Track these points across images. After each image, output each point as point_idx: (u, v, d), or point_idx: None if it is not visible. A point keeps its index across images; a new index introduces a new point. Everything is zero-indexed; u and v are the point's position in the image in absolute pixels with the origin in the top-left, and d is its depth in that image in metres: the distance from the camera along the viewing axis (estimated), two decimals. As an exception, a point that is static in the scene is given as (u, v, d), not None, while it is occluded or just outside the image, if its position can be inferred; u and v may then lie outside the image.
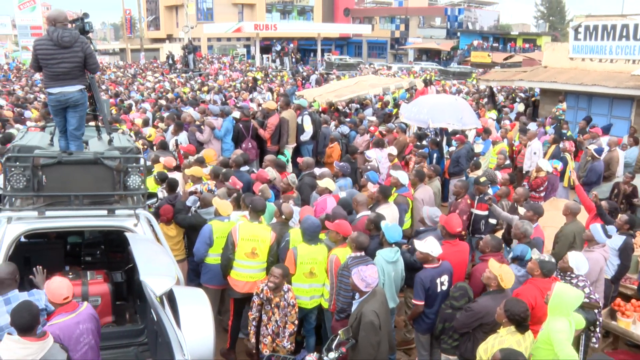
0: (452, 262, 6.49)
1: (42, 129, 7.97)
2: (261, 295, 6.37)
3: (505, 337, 4.91)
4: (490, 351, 4.86)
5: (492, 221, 8.82)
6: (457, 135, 12.45)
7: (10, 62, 50.59)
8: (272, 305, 6.28)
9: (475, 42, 60.85)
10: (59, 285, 4.84)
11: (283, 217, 7.41)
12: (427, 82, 22.98)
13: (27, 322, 4.26)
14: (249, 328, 6.58)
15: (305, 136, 12.55)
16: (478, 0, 76.27)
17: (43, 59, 5.95)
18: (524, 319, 4.90)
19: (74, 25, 6.18)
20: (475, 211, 8.90)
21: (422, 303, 6.22)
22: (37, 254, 7.15)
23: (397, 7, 74.68)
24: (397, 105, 19.21)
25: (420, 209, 8.46)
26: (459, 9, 69.07)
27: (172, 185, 8.38)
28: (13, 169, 5.73)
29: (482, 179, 8.91)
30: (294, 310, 6.22)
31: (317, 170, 9.44)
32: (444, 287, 6.32)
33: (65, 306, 4.82)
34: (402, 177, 8.90)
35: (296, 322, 6.29)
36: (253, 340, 6.56)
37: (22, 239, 6.03)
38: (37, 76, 34.27)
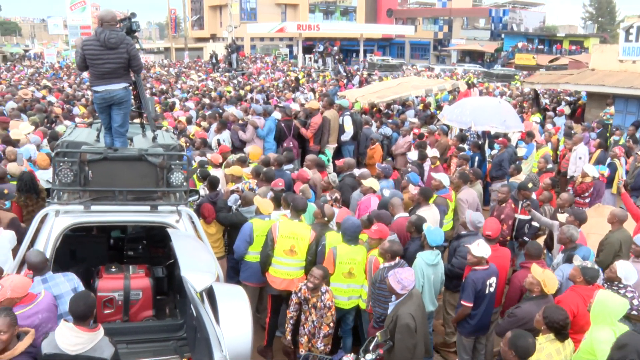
0: (492, 267, 6.42)
1: (89, 125, 8.14)
2: (299, 295, 6.38)
3: (544, 345, 4.80)
4: None
5: (536, 224, 8.65)
6: (500, 139, 12.25)
7: (60, 61, 51.90)
8: (310, 306, 6.28)
9: (520, 44, 59.74)
10: (21, 282, 4.90)
11: (325, 218, 7.40)
12: (470, 84, 22.70)
13: (82, 312, 4.40)
14: (286, 326, 6.60)
15: (346, 136, 12.54)
16: (523, 1, 74.90)
17: (90, 59, 6.08)
18: (564, 327, 4.78)
19: (121, 24, 6.29)
20: (519, 216, 8.75)
21: (471, 305, 6.15)
22: (81, 247, 7.33)
23: (441, 8, 73.80)
24: (439, 107, 19.03)
25: (464, 211, 8.38)
26: (504, 10, 67.98)
27: (213, 184, 8.46)
28: (61, 164, 5.88)
29: (529, 185, 8.75)
30: (330, 312, 6.19)
31: (357, 172, 9.41)
32: (492, 289, 6.27)
33: (24, 298, 4.88)
34: (444, 179, 8.83)
35: (332, 324, 6.26)
36: (289, 338, 6.57)
37: (68, 232, 6.15)
38: (85, 74, 35.12)
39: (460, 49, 66.48)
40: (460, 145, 12.51)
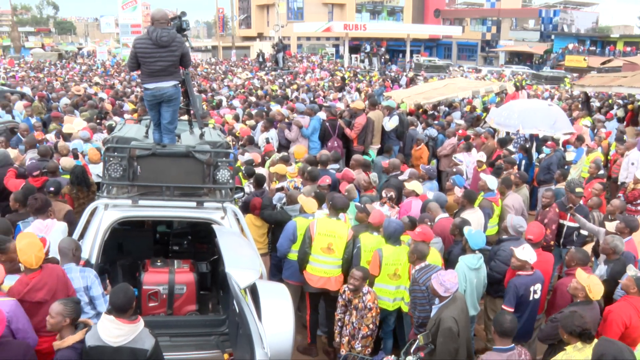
0: (534, 272, 6.30)
1: (139, 121, 8.30)
2: (344, 296, 6.40)
3: (572, 354, 4.66)
4: None
5: (584, 232, 8.44)
6: (550, 142, 12.00)
7: (111, 59, 53.12)
8: (352, 307, 6.29)
9: (571, 45, 58.36)
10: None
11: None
12: (519, 86, 22.29)
13: (121, 304, 4.48)
14: (335, 328, 6.61)
15: (388, 127, 12.49)
16: (576, 1, 73.08)
17: (141, 57, 6.21)
18: (585, 329, 4.64)
19: (171, 23, 6.39)
20: (568, 223, 8.54)
21: (512, 309, 6.04)
22: (128, 241, 7.47)
23: (489, 9, 72.68)
24: (486, 109, 18.76)
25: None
26: (555, 11, 66.41)
27: (259, 181, 8.52)
28: (111, 159, 6.01)
29: (578, 190, 8.55)
30: (370, 313, 6.17)
31: (407, 173, 9.36)
32: (536, 296, 6.15)
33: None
34: (491, 181, 8.68)
35: (371, 325, 6.23)
36: (338, 339, 6.58)
37: (116, 225, 6.29)
38: (134, 72, 35.83)
39: (509, 50, 65.38)
40: (504, 148, 12.30)
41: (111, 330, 4.42)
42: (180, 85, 6.47)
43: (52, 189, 7.44)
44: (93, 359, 4.47)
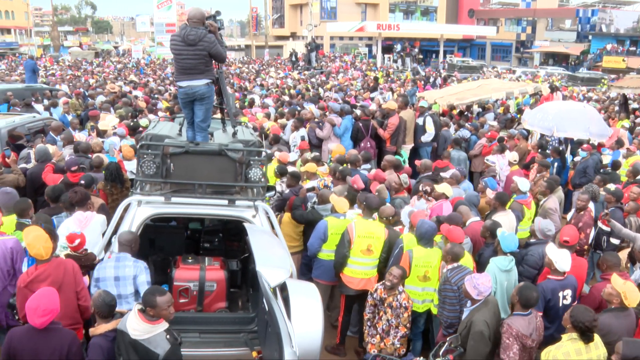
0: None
1: (172, 119, 8.38)
2: (374, 295, 6.38)
3: (564, 343, 4.81)
4: (546, 356, 4.86)
5: (615, 241, 8.26)
6: (586, 145, 11.76)
7: (146, 57, 53.86)
8: (385, 305, 6.27)
9: (609, 46, 57.07)
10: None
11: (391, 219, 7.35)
12: (554, 88, 21.90)
13: (147, 303, 4.53)
14: (364, 328, 6.61)
15: (427, 137, 12.40)
16: (615, 0, 71.48)
17: (174, 54, 6.36)
18: (589, 329, 4.69)
19: (206, 22, 6.41)
20: (602, 226, 8.38)
21: (541, 314, 5.92)
22: (161, 237, 7.55)
23: (525, 9, 71.58)
24: (520, 111, 18.50)
25: (557, 220, 8.22)
26: (593, 10, 64.76)
27: (295, 177, 8.56)
28: (145, 156, 6.07)
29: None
30: (406, 313, 6.19)
31: (445, 174, 9.27)
32: (566, 302, 6.00)
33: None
34: (523, 183, 8.54)
35: (408, 325, 6.26)
36: (367, 339, 6.57)
37: (149, 222, 6.35)
38: (168, 70, 36.29)
39: (544, 51, 64.42)
40: (540, 150, 12.12)
41: (132, 322, 4.52)
42: (213, 83, 6.51)
43: (82, 182, 7.59)
44: (118, 342, 4.62)
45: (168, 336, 4.59)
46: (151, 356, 4.49)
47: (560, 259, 5.93)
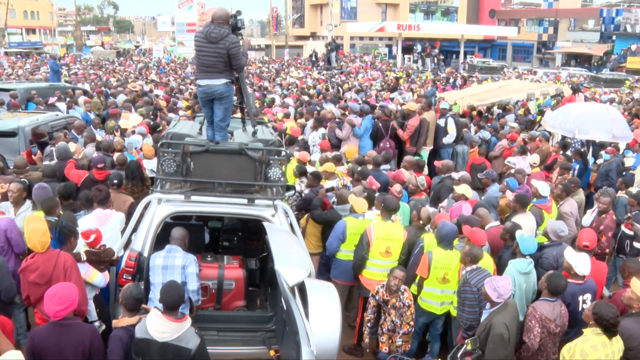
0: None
1: (193, 118, 8.43)
2: (377, 297, 6.40)
3: (590, 336, 4.83)
4: (573, 350, 4.85)
5: (638, 245, 8.14)
6: (610, 147, 11.61)
7: (167, 56, 54.26)
8: (389, 307, 6.29)
9: (634, 46, 56.01)
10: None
11: (420, 221, 7.31)
12: (576, 89, 21.67)
13: (171, 302, 4.59)
14: (364, 329, 6.66)
15: (449, 139, 12.34)
16: (641, 0, 70.35)
17: (196, 50, 6.39)
18: (613, 325, 4.71)
19: (230, 22, 6.43)
20: (625, 230, 8.27)
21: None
22: None
23: (547, 9, 70.83)
24: (541, 112, 18.34)
25: (571, 224, 8.09)
26: (617, 10, 63.60)
27: (317, 177, 8.56)
28: (165, 155, 6.12)
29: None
30: (409, 311, 6.22)
31: (455, 175, 9.22)
32: (586, 306, 5.89)
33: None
34: (543, 187, 8.43)
35: (412, 322, 6.28)
36: (367, 340, 6.67)
37: (169, 219, 6.40)
38: (189, 69, 36.52)
39: (566, 51, 63.71)
40: (563, 152, 11.99)
41: (157, 326, 4.52)
42: (232, 83, 6.53)
43: (115, 181, 7.77)
44: (141, 350, 4.59)
45: (196, 330, 4.65)
46: (183, 353, 4.53)
47: (580, 262, 5.86)
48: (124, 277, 5.98)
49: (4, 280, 5.58)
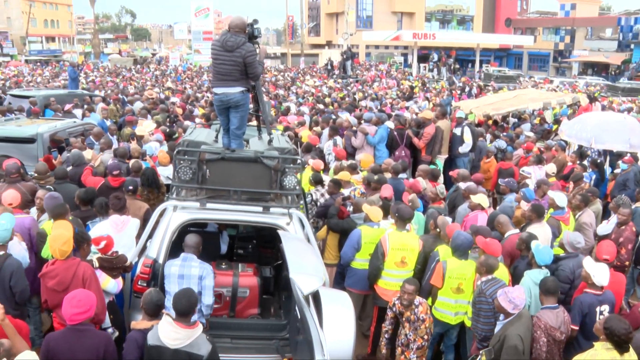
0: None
1: (209, 126, 8.46)
2: (394, 309, 6.35)
3: (600, 351, 4.70)
4: None
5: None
6: (627, 157, 11.49)
7: (183, 64, 54.66)
8: (403, 319, 6.24)
9: (653, 55, 55.71)
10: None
11: (437, 229, 7.28)
12: (592, 98, 21.52)
13: (183, 308, 4.61)
14: (381, 340, 6.61)
15: (465, 148, 12.29)
16: (661, 8, 69.63)
17: (212, 58, 6.42)
18: (625, 341, 4.60)
19: (247, 31, 6.45)
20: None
21: (577, 328, 5.80)
22: None
23: (563, 17, 70.39)
24: (557, 122, 18.23)
25: (590, 235, 8.03)
26: (635, 18, 62.79)
27: (337, 184, 8.57)
28: (181, 162, 6.15)
29: None
30: (423, 325, 6.10)
31: (462, 185, 9.18)
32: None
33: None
34: (560, 198, 8.33)
35: (426, 336, 6.16)
36: (384, 351, 6.62)
37: (184, 227, 6.42)
38: (205, 77, 36.72)
39: (583, 60, 63.28)
40: (579, 162, 11.90)
41: (169, 333, 4.53)
42: (248, 91, 6.55)
43: (130, 187, 7.82)
44: (153, 357, 4.61)
45: (207, 337, 4.65)
46: (195, 359, 4.53)
47: (598, 273, 5.78)
48: (139, 283, 5.99)
49: (19, 283, 5.64)
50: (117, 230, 6.61)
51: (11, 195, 6.98)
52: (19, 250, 5.99)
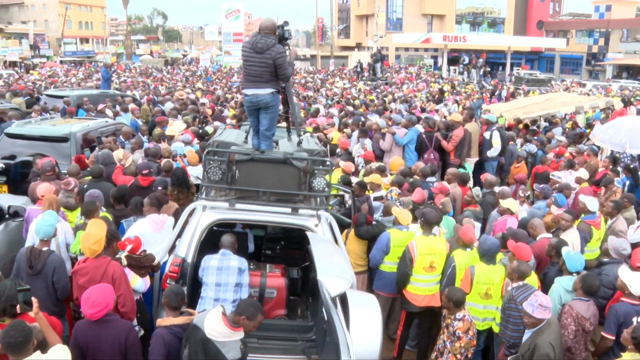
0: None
1: (238, 127, 8.52)
2: (443, 313, 6.32)
3: None
4: None
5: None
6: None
7: (213, 65, 55.11)
8: (444, 324, 6.16)
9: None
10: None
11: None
12: (627, 102, 21.11)
13: (245, 313, 4.63)
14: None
15: (493, 152, 12.16)
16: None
17: (243, 60, 6.47)
18: None
19: (277, 33, 6.49)
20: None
21: (613, 338, 5.67)
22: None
23: (598, 20, 69.09)
24: (589, 126, 17.93)
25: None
26: (674, 20, 61.89)
27: (363, 187, 8.57)
28: (211, 162, 6.19)
29: None
30: (458, 343, 5.91)
31: (497, 189, 9.09)
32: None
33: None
34: (591, 203, 8.19)
35: (459, 355, 5.96)
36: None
37: (213, 227, 6.47)
38: (235, 78, 36.96)
39: (617, 63, 62.10)
40: (612, 167, 11.68)
41: (212, 323, 4.57)
42: (278, 92, 6.57)
43: (159, 187, 7.91)
44: (190, 335, 4.70)
45: (242, 346, 4.66)
46: (220, 358, 4.55)
47: (635, 282, 5.65)
48: (168, 282, 6.04)
49: (61, 279, 5.75)
50: (156, 229, 6.71)
51: (44, 188, 7.12)
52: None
